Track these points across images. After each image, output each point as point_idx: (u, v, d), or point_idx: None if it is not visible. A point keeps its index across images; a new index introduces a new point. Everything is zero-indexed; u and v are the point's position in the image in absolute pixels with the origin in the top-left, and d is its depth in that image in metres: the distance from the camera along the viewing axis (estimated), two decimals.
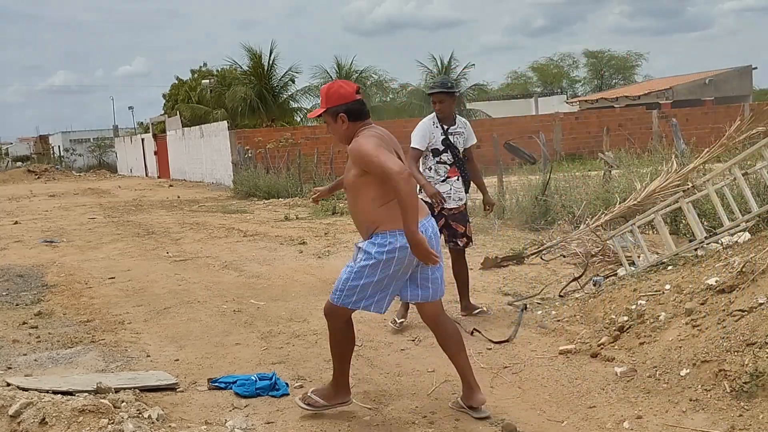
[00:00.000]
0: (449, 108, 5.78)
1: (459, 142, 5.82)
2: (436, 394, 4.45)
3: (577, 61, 60.14)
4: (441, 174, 5.78)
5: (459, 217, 5.86)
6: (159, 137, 39.91)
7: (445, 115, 5.78)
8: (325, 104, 3.97)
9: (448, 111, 5.77)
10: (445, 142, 5.75)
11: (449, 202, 5.78)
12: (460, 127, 5.85)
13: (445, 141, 5.75)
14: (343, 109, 3.93)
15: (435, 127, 5.79)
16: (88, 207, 20.77)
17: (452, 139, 5.77)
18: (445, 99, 5.73)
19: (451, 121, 5.82)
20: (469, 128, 5.93)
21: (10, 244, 12.55)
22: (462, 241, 5.90)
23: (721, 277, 4.82)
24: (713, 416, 3.69)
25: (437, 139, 5.75)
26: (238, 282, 8.27)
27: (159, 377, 4.68)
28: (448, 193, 5.77)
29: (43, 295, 8.01)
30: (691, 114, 30.25)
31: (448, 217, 5.82)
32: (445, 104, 5.75)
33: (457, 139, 5.81)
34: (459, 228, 5.84)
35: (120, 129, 56.81)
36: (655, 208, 6.67)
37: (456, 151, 5.79)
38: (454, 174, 5.80)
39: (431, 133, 5.77)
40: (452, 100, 5.78)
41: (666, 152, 9.39)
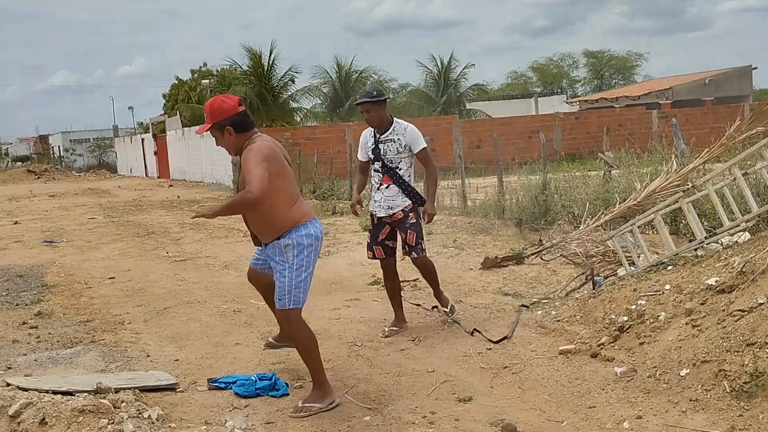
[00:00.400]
0: (378, 117, 5.63)
1: (390, 150, 5.64)
2: (435, 394, 4.45)
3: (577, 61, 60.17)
4: (376, 182, 5.73)
5: (399, 225, 5.68)
6: (159, 137, 39.90)
7: (375, 124, 5.68)
8: (211, 120, 4.15)
9: (377, 120, 5.64)
10: (374, 150, 5.69)
11: (379, 211, 5.69)
12: (396, 134, 5.66)
13: (374, 150, 5.69)
14: (229, 122, 4.11)
15: (370, 135, 5.75)
16: (88, 207, 20.77)
17: (381, 147, 5.66)
18: (371, 108, 5.60)
19: (384, 129, 5.68)
20: (411, 134, 5.69)
21: (10, 244, 12.54)
22: (404, 250, 5.74)
23: (721, 277, 4.82)
24: (713, 416, 3.69)
25: (369, 148, 5.73)
26: (238, 282, 8.26)
27: (159, 377, 4.68)
28: (379, 202, 5.69)
29: (42, 295, 8.01)
30: (691, 114, 30.24)
31: (393, 225, 5.72)
32: (372, 113, 5.62)
33: (388, 147, 5.64)
34: (400, 235, 5.71)
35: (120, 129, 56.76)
36: (655, 208, 6.67)
37: (385, 159, 5.65)
38: (387, 182, 5.66)
39: (366, 142, 5.77)
40: (380, 108, 5.62)
41: (666, 152, 9.39)
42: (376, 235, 5.77)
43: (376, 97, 5.60)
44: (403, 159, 5.67)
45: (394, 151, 5.64)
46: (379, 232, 5.75)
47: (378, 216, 5.71)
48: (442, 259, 8.85)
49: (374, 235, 5.79)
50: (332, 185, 18.78)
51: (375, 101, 5.59)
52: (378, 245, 5.77)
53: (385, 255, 5.77)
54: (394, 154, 5.64)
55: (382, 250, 5.77)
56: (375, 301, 6.88)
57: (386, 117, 5.69)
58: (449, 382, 4.62)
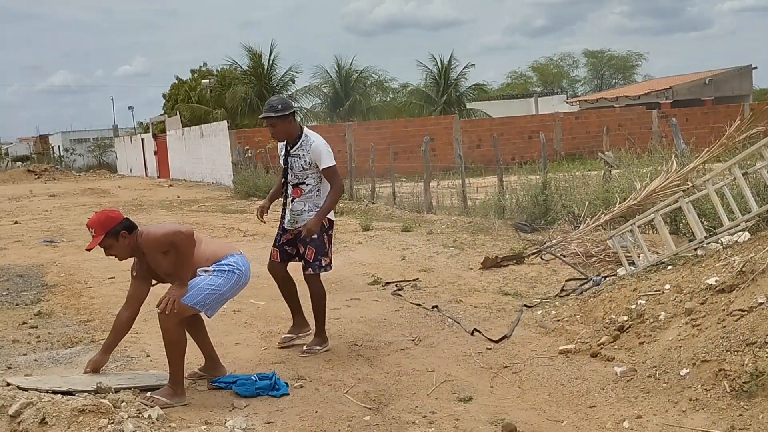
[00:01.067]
0: (284, 131, 5.35)
1: (296, 165, 5.38)
2: (436, 394, 4.45)
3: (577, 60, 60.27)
4: (288, 194, 5.48)
5: (300, 239, 5.41)
6: (159, 137, 39.89)
7: (283, 138, 5.41)
8: (103, 231, 4.44)
9: (284, 134, 5.37)
10: (285, 161, 5.46)
11: (284, 222, 5.50)
12: (302, 150, 5.35)
13: (285, 161, 5.47)
14: (121, 227, 4.47)
15: (283, 145, 5.51)
16: (88, 207, 20.76)
17: (289, 161, 5.42)
18: (276, 123, 5.31)
19: (293, 141, 5.39)
20: (314, 150, 5.33)
21: (10, 244, 12.54)
22: (301, 264, 5.48)
23: (721, 277, 4.83)
24: (713, 416, 3.69)
25: (282, 158, 5.52)
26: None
27: (159, 377, 4.68)
28: (286, 214, 5.51)
29: (42, 295, 8.01)
30: (691, 114, 30.25)
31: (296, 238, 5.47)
32: (278, 128, 5.34)
33: (295, 161, 5.38)
34: (300, 248, 5.44)
35: (120, 129, 56.75)
36: (655, 207, 6.67)
37: (292, 173, 5.41)
38: (295, 195, 5.42)
39: (280, 151, 5.56)
40: (286, 122, 5.31)
41: (666, 152, 9.39)
42: (279, 238, 5.55)
43: (280, 111, 5.29)
44: (310, 175, 5.37)
45: (299, 167, 5.37)
46: (283, 237, 5.54)
47: (283, 226, 5.53)
48: (442, 259, 8.86)
49: (278, 236, 5.58)
50: None
51: (279, 116, 5.29)
52: (277, 248, 5.55)
53: (279, 259, 5.52)
54: (299, 170, 5.38)
55: (278, 253, 5.54)
56: (375, 301, 6.88)
57: (294, 130, 5.38)
58: (449, 382, 4.62)
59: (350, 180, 18.23)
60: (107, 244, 4.49)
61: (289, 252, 5.54)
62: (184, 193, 25.00)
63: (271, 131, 5.42)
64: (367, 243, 10.45)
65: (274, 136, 5.46)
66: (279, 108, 5.30)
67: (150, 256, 4.48)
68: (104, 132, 58.49)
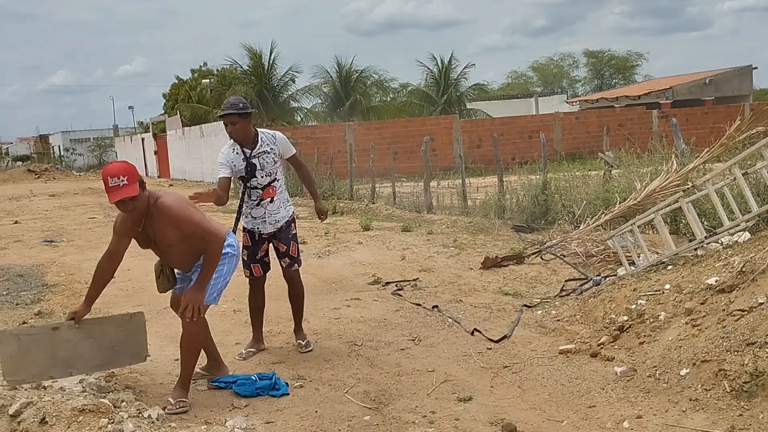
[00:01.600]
0: (243, 131, 5.17)
1: (267, 162, 5.23)
2: (436, 394, 4.45)
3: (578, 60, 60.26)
4: (254, 198, 5.29)
5: (281, 236, 5.36)
6: (159, 137, 39.90)
7: (241, 138, 5.19)
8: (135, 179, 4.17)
9: (242, 134, 5.17)
10: (248, 168, 5.20)
11: (265, 227, 5.32)
12: (267, 145, 5.26)
13: (247, 167, 5.20)
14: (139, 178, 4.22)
15: (235, 153, 5.22)
16: (88, 207, 20.76)
17: (257, 162, 5.21)
18: (237, 121, 5.12)
19: (251, 143, 5.22)
20: (281, 141, 5.34)
21: (10, 244, 12.54)
22: (284, 261, 5.40)
23: (721, 277, 4.83)
24: (713, 416, 3.69)
25: (239, 166, 5.21)
26: (237, 281, 8.20)
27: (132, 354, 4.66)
28: (263, 217, 5.30)
29: (43, 294, 8.01)
30: (691, 114, 30.25)
31: (273, 238, 5.39)
32: (238, 126, 5.14)
33: (264, 160, 5.23)
34: (281, 247, 5.36)
35: (120, 129, 56.78)
36: (655, 207, 6.67)
37: (263, 173, 5.24)
38: (268, 195, 5.27)
39: (231, 160, 5.22)
40: (246, 122, 5.16)
41: (666, 152, 9.39)
42: (255, 252, 5.39)
43: (242, 109, 5.13)
44: (278, 169, 5.34)
45: (271, 162, 5.25)
46: (259, 249, 5.38)
47: (264, 233, 5.34)
48: (442, 259, 8.86)
49: (253, 252, 5.39)
50: (333, 185, 18.79)
51: (242, 113, 5.13)
52: (257, 263, 5.41)
53: (262, 272, 5.46)
54: (272, 165, 5.26)
55: (260, 267, 5.43)
56: (375, 301, 6.88)
57: (251, 131, 5.23)
58: (449, 382, 4.62)
59: (350, 180, 18.23)
60: (136, 196, 4.14)
61: (267, 262, 5.46)
62: (185, 193, 24.94)
63: (228, 129, 5.16)
64: (367, 243, 10.45)
65: (233, 135, 5.18)
66: (241, 106, 5.14)
67: (161, 225, 4.30)
68: (104, 132, 58.52)
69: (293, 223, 5.44)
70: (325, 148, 23.38)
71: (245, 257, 5.40)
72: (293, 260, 5.41)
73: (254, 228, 5.36)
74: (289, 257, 5.39)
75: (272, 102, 35.41)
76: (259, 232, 5.35)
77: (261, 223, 5.33)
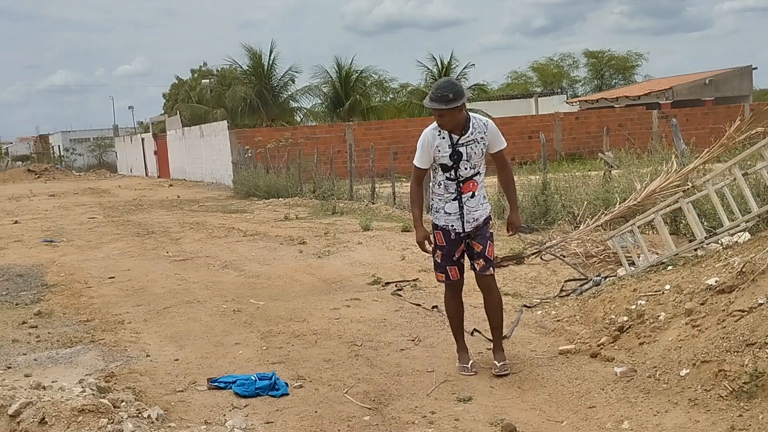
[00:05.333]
0: (453, 120, 4.60)
1: (475, 152, 4.67)
2: (435, 394, 4.45)
3: (577, 61, 60.14)
4: (451, 191, 4.71)
5: (479, 236, 4.75)
6: (159, 137, 39.92)
7: (451, 127, 4.64)
8: None
9: (452, 123, 4.61)
10: (454, 156, 4.65)
11: (460, 225, 4.72)
12: (478, 133, 4.66)
13: (453, 155, 4.65)
14: None
15: (441, 137, 4.66)
16: (87, 206, 20.77)
17: (462, 151, 4.65)
18: (446, 113, 4.57)
19: (461, 129, 4.65)
20: (492, 131, 4.70)
21: (10, 244, 12.54)
22: (478, 264, 4.75)
23: (721, 278, 4.82)
24: (713, 416, 3.69)
25: (444, 152, 4.66)
26: (237, 282, 8.27)
27: None
28: (459, 213, 4.70)
29: (42, 294, 8.01)
30: (691, 114, 30.25)
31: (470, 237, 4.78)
32: (447, 119, 4.60)
33: (473, 149, 4.66)
34: (476, 247, 4.75)
35: (120, 129, 56.75)
36: (655, 208, 6.67)
37: (468, 165, 4.68)
38: (468, 190, 4.70)
39: (435, 146, 4.67)
40: (457, 111, 4.55)
41: (666, 152, 9.39)
42: (452, 253, 4.77)
43: (452, 101, 4.51)
44: (482, 162, 4.76)
45: (478, 153, 4.68)
46: (455, 250, 4.77)
47: (461, 231, 4.72)
48: None
49: (449, 253, 4.77)
50: (332, 185, 18.79)
51: (452, 108, 4.53)
52: (453, 265, 4.79)
53: (459, 275, 4.84)
54: (478, 157, 4.69)
55: (458, 270, 4.82)
56: (375, 301, 6.88)
57: (463, 117, 4.63)
58: (449, 382, 4.62)
59: (350, 180, 18.23)
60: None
61: (462, 264, 4.86)
62: (184, 193, 25.00)
63: (439, 121, 4.64)
64: (367, 243, 10.45)
65: (442, 126, 4.65)
66: (451, 97, 4.50)
67: None
68: (104, 132, 58.53)
69: (490, 221, 4.84)
70: (324, 148, 23.39)
71: (438, 259, 4.82)
72: (488, 263, 4.75)
73: (448, 225, 4.73)
74: (484, 259, 4.73)
75: (272, 102, 35.40)
76: (454, 230, 4.73)
77: (456, 219, 4.71)
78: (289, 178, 20.89)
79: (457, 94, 4.51)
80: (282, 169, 22.04)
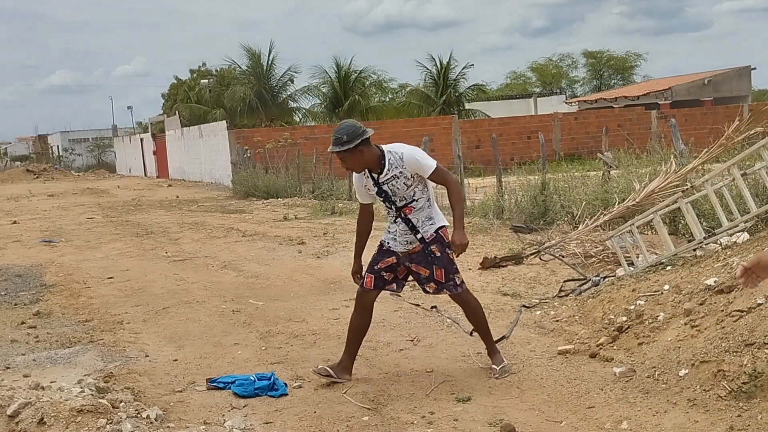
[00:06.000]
0: (358, 162, 4.52)
1: (399, 187, 4.55)
2: (434, 395, 4.45)
3: (576, 61, 60.16)
4: (391, 215, 4.72)
5: (417, 258, 4.66)
6: (158, 137, 39.89)
7: (360, 168, 4.59)
8: None
9: (359, 165, 4.55)
10: (381, 193, 4.61)
11: (395, 245, 4.68)
12: (395, 168, 4.53)
13: (380, 192, 4.62)
14: None
15: (366, 177, 4.64)
16: (86, 207, 20.75)
17: (387, 189, 4.57)
18: (345, 157, 4.48)
19: (378, 166, 4.55)
20: (408, 161, 4.52)
21: (9, 244, 12.53)
22: (429, 287, 4.69)
23: (719, 278, 4.83)
24: (712, 416, 3.69)
25: (372, 190, 4.66)
26: (236, 282, 8.27)
27: None
28: (394, 234, 4.69)
29: (41, 294, 8.00)
30: (690, 114, 30.27)
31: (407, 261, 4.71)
32: (349, 163, 4.52)
33: (395, 185, 4.55)
34: (421, 272, 4.66)
35: (119, 129, 56.68)
36: (654, 208, 6.67)
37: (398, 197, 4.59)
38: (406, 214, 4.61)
39: (363, 184, 4.68)
40: (356, 153, 4.45)
41: (665, 152, 9.39)
42: (377, 261, 4.75)
43: (346, 143, 4.42)
44: (418, 188, 4.61)
45: (403, 187, 4.56)
46: (381, 261, 4.73)
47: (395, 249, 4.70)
48: None
49: (374, 261, 4.76)
50: (331, 185, 18.78)
51: (346, 150, 4.44)
52: (372, 273, 4.73)
53: (373, 287, 4.74)
54: (405, 189, 4.57)
55: (373, 280, 4.73)
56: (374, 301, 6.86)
57: (372, 155, 4.53)
58: (448, 382, 4.62)
59: (350, 180, 18.22)
60: None
61: (385, 279, 4.74)
62: (183, 193, 25.00)
63: (344, 165, 4.63)
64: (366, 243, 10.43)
65: (348, 168, 4.67)
66: (345, 140, 4.41)
67: None
68: (103, 132, 58.46)
69: (436, 244, 4.60)
70: (323, 148, 23.34)
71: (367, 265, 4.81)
72: (441, 286, 4.64)
73: (385, 240, 4.75)
74: (435, 282, 4.64)
75: (271, 102, 35.41)
76: (389, 246, 4.72)
77: (393, 239, 4.70)
78: (288, 179, 20.88)
79: (352, 135, 4.41)
80: (281, 169, 22.03)
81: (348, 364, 4.75)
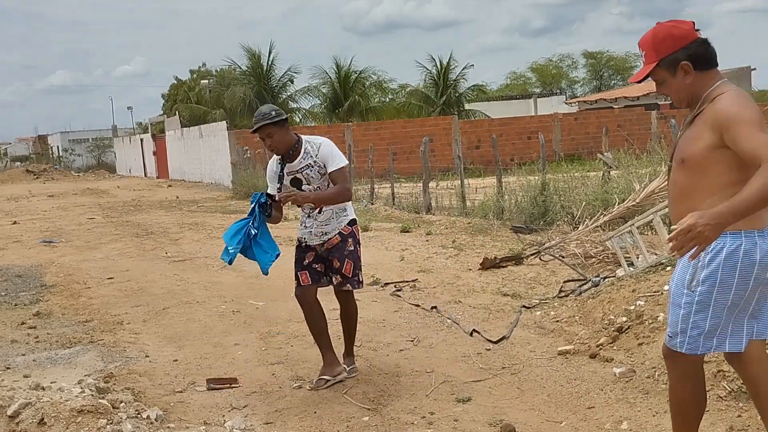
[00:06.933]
0: (283, 141, 4.55)
1: (313, 177, 4.60)
2: (434, 395, 4.45)
3: (576, 61, 60.23)
4: (305, 211, 4.73)
5: (334, 251, 4.69)
6: (158, 137, 39.89)
7: (280, 150, 4.59)
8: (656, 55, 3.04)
9: (283, 145, 4.56)
10: (294, 183, 4.65)
11: (311, 238, 4.70)
12: (310, 157, 4.59)
13: (293, 182, 4.65)
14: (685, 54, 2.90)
15: (278, 165, 4.68)
16: (86, 207, 20.75)
17: (302, 177, 4.62)
18: (274, 131, 4.50)
19: (291, 155, 4.60)
20: (323, 152, 4.59)
21: (9, 244, 12.53)
22: (336, 278, 4.71)
23: None
24: (712, 417, 3.69)
25: (285, 179, 4.68)
26: (237, 282, 8.27)
27: None
28: (310, 228, 4.70)
29: (41, 295, 8.00)
30: None
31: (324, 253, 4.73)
32: (276, 137, 4.52)
33: (309, 174, 4.60)
34: (334, 263, 4.68)
35: (119, 129, 56.69)
36: (654, 208, 6.68)
37: (312, 187, 4.62)
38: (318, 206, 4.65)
39: (276, 174, 4.69)
40: (284, 130, 4.53)
41: (665, 153, 9.40)
42: (302, 258, 4.75)
43: (277, 116, 4.50)
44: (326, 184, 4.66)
45: (317, 176, 4.61)
46: (305, 255, 4.74)
47: (311, 244, 4.74)
48: (441, 260, 8.86)
49: (299, 258, 4.76)
50: None
51: (277, 121, 4.50)
52: (304, 270, 4.72)
53: (311, 281, 4.72)
54: (319, 179, 4.62)
55: (308, 275, 4.71)
56: (374, 302, 6.88)
57: (291, 139, 4.60)
58: (448, 383, 4.62)
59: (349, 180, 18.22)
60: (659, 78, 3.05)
61: (319, 270, 4.76)
62: (183, 194, 24.99)
63: (268, 144, 4.57)
64: (366, 243, 10.43)
65: (275, 150, 4.61)
66: (273, 114, 4.51)
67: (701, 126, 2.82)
68: (103, 132, 58.46)
69: (351, 238, 4.72)
70: None
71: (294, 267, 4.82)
72: (346, 280, 4.69)
73: (302, 236, 4.79)
74: (341, 275, 4.68)
75: (271, 102, 35.32)
76: (305, 242, 4.77)
77: (308, 233, 4.73)
78: None
79: (279, 112, 4.55)
80: None
81: (332, 358, 4.77)
